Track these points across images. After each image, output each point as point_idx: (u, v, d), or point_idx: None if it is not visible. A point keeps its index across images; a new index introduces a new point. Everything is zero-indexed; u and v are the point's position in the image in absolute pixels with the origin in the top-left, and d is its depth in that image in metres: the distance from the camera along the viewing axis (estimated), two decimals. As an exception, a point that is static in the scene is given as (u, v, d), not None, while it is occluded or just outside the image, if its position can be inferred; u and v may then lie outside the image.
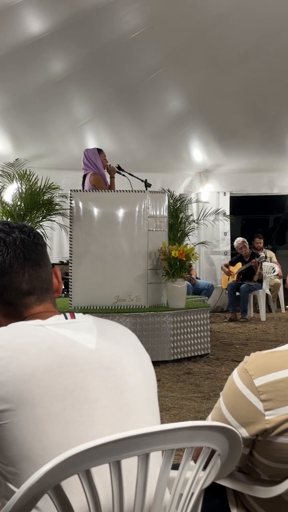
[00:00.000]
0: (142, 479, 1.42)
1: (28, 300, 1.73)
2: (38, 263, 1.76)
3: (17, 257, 1.72)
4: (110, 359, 1.65)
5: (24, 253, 1.73)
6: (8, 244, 1.73)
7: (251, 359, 1.79)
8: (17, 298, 1.72)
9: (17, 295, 1.72)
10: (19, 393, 1.49)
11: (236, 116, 11.89)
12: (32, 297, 1.73)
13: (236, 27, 9.91)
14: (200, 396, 6.16)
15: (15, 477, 1.49)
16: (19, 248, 1.73)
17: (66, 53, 10.22)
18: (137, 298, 7.96)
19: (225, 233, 13.59)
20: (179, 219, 9.68)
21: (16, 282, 1.72)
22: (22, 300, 1.72)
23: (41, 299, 1.75)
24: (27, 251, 1.74)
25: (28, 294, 1.73)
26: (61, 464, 1.34)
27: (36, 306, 1.73)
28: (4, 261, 1.71)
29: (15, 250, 1.72)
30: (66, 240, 10.81)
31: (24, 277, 1.73)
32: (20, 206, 8.72)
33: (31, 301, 1.73)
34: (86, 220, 8.06)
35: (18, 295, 1.72)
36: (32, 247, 1.75)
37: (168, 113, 11.85)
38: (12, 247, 1.72)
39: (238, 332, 10.40)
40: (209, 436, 1.51)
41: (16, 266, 1.72)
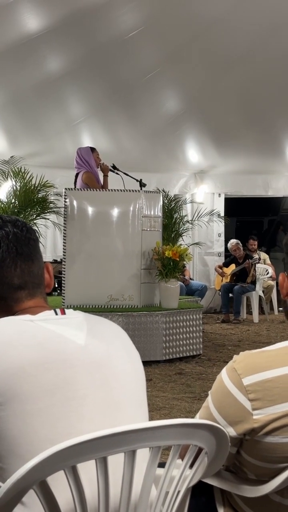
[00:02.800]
0: (129, 475, 1.42)
1: (20, 294, 1.73)
2: (31, 258, 1.76)
3: (9, 251, 1.72)
4: (100, 355, 1.65)
5: (16, 248, 1.73)
6: (1, 238, 1.73)
7: (240, 358, 1.79)
8: (8, 292, 1.72)
9: (8, 289, 1.72)
10: (8, 387, 1.49)
11: (232, 117, 11.90)
12: (23, 291, 1.73)
13: (233, 28, 9.92)
14: (191, 397, 6.16)
15: (1, 472, 1.48)
16: (11, 242, 1.73)
17: (63, 51, 10.22)
18: (130, 298, 7.96)
19: (219, 234, 13.59)
20: (173, 219, 9.68)
21: (8, 276, 1.72)
22: (13, 295, 1.72)
23: (32, 294, 1.75)
24: (19, 245, 1.74)
25: (20, 289, 1.73)
26: (47, 459, 1.33)
27: (27, 301, 1.73)
28: None
29: (8, 244, 1.72)
30: (59, 239, 10.81)
31: (16, 271, 1.72)
32: (15, 203, 8.71)
33: (22, 296, 1.73)
34: (80, 219, 8.06)
35: (9, 290, 1.72)
36: (24, 242, 1.75)
37: (164, 113, 11.86)
38: (5, 241, 1.72)
39: (231, 334, 10.41)
40: (196, 434, 1.51)
41: (8, 260, 1.72)
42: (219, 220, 12.78)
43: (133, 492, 1.44)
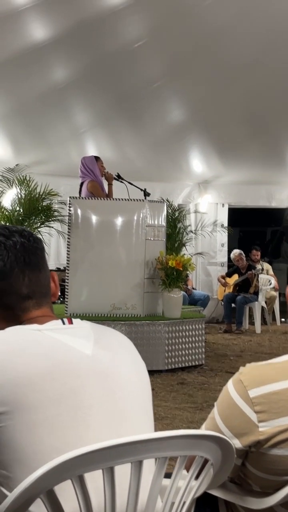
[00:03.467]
0: (135, 486, 1.43)
1: (27, 304, 1.73)
2: (38, 267, 1.77)
3: (17, 261, 1.73)
4: (106, 365, 1.65)
5: (24, 257, 1.74)
6: (9, 248, 1.73)
7: (246, 370, 1.79)
8: (17, 302, 1.73)
9: (16, 299, 1.73)
10: (14, 396, 1.49)
11: (236, 128, 11.93)
12: (31, 301, 1.74)
13: (238, 39, 9.96)
14: (193, 407, 6.16)
15: (8, 481, 1.49)
16: (19, 252, 1.74)
17: (69, 60, 10.26)
18: (133, 307, 7.96)
19: (222, 245, 13.61)
20: (177, 229, 9.68)
21: (16, 286, 1.72)
22: (21, 304, 1.73)
23: (39, 304, 1.75)
24: (27, 255, 1.75)
25: (28, 298, 1.74)
26: (55, 468, 1.34)
27: (35, 310, 1.74)
28: (5, 265, 1.72)
29: (16, 254, 1.73)
30: (63, 247, 10.82)
31: (24, 281, 1.73)
32: (19, 211, 8.73)
33: (30, 305, 1.74)
34: (84, 227, 8.07)
35: (17, 299, 1.73)
36: (32, 251, 1.76)
37: (168, 123, 11.89)
38: (13, 251, 1.73)
39: (233, 344, 10.40)
40: (202, 445, 1.52)
41: (16, 270, 1.72)
42: (223, 230, 12.80)
43: (139, 502, 1.45)
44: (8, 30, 9.08)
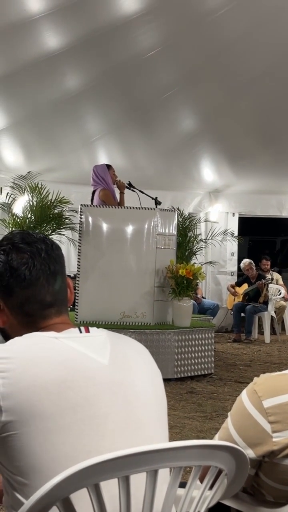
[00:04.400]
0: (150, 495, 1.43)
1: (49, 312, 1.74)
2: (60, 275, 1.78)
3: (43, 270, 1.73)
4: (122, 374, 1.66)
5: (49, 265, 1.75)
6: (34, 255, 1.74)
7: (261, 381, 1.80)
8: (39, 309, 1.73)
9: (39, 307, 1.73)
10: (30, 404, 1.50)
11: (248, 137, 11.94)
12: (52, 309, 1.75)
13: (250, 49, 9.98)
14: (202, 416, 6.15)
15: (23, 487, 1.50)
16: (44, 260, 1.74)
17: (81, 69, 10.29)
18: (142, 315, 7.96)
19: (232, 254, 13.60)
20: (187, 237, 9.69)
21: (41, 294, 1.73)
22: (42, 312, 1.74)
23: (60, 312, 1.76)
24: (51, 263, 1.76)
25: (50, 306, 1.74)
26: (71, 477, 1.35)
27: (55, 317, 1.75)
28: (31, 273, 1.72)
29: (41, 263, 1.74)
30: (74, 254, 10.83)
31: (49, 289, 1.74)
32: (31, 218, 8.75)
33: (51, 313, 1.74)
34: (95, 235, 8.09)
35: (40, 307, 1.73)
36: (56, 259, 1.77)
37: (180, 132, 11.91)
38: (38, 259, 1.74)
39: (242, 353, 10.38)
40: (217, 456, 1.53)
41: (42, 279, 1.73)
42: (233, 240, 12.79)
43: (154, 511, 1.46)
44: (21, 39, 9.13)
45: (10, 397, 1.50)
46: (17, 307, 1.73)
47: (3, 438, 1.51)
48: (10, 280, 1.72)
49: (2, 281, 1.73)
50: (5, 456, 1.53)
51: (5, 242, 1.77)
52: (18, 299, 1.72)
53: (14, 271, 1.72)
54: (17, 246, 1.75)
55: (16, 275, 1.71)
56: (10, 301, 1.73)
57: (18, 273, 1.71)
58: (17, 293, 1.72)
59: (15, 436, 1.50)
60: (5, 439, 1.51)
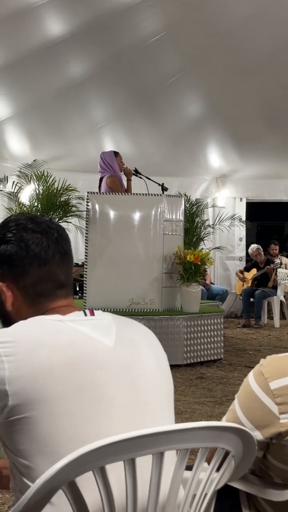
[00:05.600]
0: (156, 477, 1.42)
1: (60, 292, 1.73)
2: (71, 256, 1.77)
3: (58, 249, 1.73)
4: (128, 357, 1.65)
5: (62, 245, 1.74)
6: (47, 235, 1.73)
7: (267, 362, 1.79)
8: (52, 289, 1.72)
9: (53, 286, 1.72)
10: (36, 388, 1.49)
11: (254, 121, 11.88)
12: (64, 289, 1.74)
13: (255, 32, 9.91)
14: (212, 401, 6.15)
15: (30, 471, 1.50)
16: (57, 240, 1.74)
17: (85, 56, 10.26)
18: (151, 302, 7.96)
19: (240, 239, 13.58)
20: (195, 223, 9.67)
21: (56, 273, 1.72)
22: (55, 292, 1.72)
23: (68, 293, 1.76)
24: (64, 243, 1.75)
25: (62, 286, 1.74)
26: (76, 460, 1.34)
27: (63, 299, 1.74)
28: (46, 252, 1.71)
29: (55, 242, 1.73)
30: (81, 242, 10.82)
31: (63, 268, 1.74)
32: (37, 207, 8.74)
33: (61, 294, 1.73)
34: (102, 223, 8.08)
35: (53, 287, 1.72)
36: (66, 240, 1.77)
37: (186, 117, 11.87)
38: (52, 238, 1.73)
39: (252, 338, 10.37)
40: (224, 437, 1.51)
41: (57, 257, 1.72)
42: (241, 225, 12.76)
43: (161, 494, 1.45)
44: (25, 26, 9.10)
45: (16, 381, 1.49)
46: (30, 287, 1.71)
47: (10, 422, 1.51)
48: (25, 260, 1.70)
49: (16, 261, 1.71)
50: (12, 440, 1.52)
51: (12, 224, 1.75)
52: (32, 278, 1.71)
53: (30, 250, 1.70)
54: (27, 227, 1.73)
55: (33, 254, 1.70)
56: (22, 281, 1.71)
57: (35, 252, 1.70)
58: (32, 272, 1.70)
59: (22, 420, 1.50)
60: (12, 423, 1.51)
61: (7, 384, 1.49)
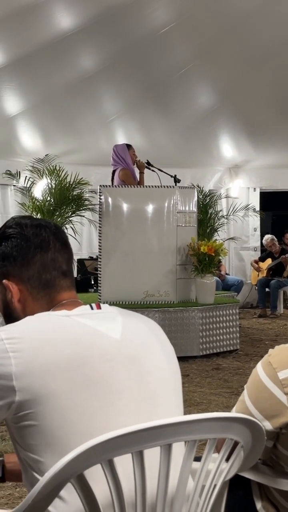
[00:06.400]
0: (165, 469, 1.43)
1: (65, 282, 1.74)
2: (70, 248, 1.79)
3: (57, 238, 1.75)
4: (135, 350, 1.65)
5: (62, 236, 1.77)
6: (45, 228, 1.75)
7: (275, 352, 1.79)
8: (57, 278, 1.73)
9: (57, 274, 1.73)
10: (43, 383, 1.50)
11: (267, 111, 11.82)
12: (67, 280, 1.75)
13: (267, 21, 9.85)
14: (228, 392, 6.15)
15: (40, 465, 1.51)
16: (55, 231, 1.76)
17: (96, 49, 10.25)
18: (166, 294, 7.96)
19: (254, 229, 13.54)
20: (208, 214, 9.65)
21: (59, 260, 1.74)
22: (60, 281, 1.74)
23: (72, 285, 1.77)
24: (62, 234, 1.78)
25: (65, 276, 1.75)
26: (84, 453, 1.35)
27: (68, 291, 1.75)
28: (45, 239, 1.73)
29: (53, 233, 1.75)
30: (95, 236, 10.84)
31: (64, 256, 1.75)
32: (50, 201, 8.77)
33: (66, 284, 1.75)
34: (115, 216, 8.08)
35: (58, 275, 1.73)
36: (63, 233, 1.80)
37: (197, 108, 11.83)
38: (50, 230, 1.75)
39: (268, 328, 10.36)
40: (232, 428, 1.51)
41: (58, 245, 1.74)
42: (254, 215, 12.72)
43: (169, 486, 1.45)
44: (34, 21, 9.10)
45: (24, 376, 1.50)
46: (35, 277, 1.72)
47: (19, 418, 1.52)
48: (27, 251, 1.72)
49: (19, 251, 1.73)
50: (21, 435, 1.53)
51: (11, 222, 1.79)
52: (36, 267, 1.72)
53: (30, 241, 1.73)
54: (26, 223, 1.77)
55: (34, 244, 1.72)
56: (27, 272, 1.72)
57: (35, 242, 1.72)
58: (35, 261, 1.72)
59: (30, 415, 1.50)
60: (20, 418, 1.51)
61: (14, 380, 1.50)
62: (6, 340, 1.53)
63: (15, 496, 3.62)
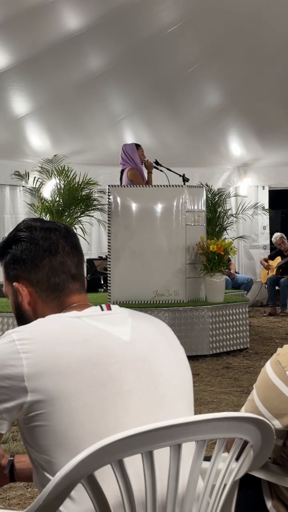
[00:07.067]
0: (175, 469, 1.43)
1: (74, 286, 1.75)
2: (80, 251, 1.81)
3: (67, 242, 1.76)
4: (145, 351, 1.65)
5: (72, 240, 1.78)
6: (55, 231, 1.77)
7: (284, 351, 1.79)
8: (66, 281, 1.74)
9: (66, 278, 1.74)
10: (54, 384, 1.51)
11: (275, 109, 11.81)
12: (77, 283, 1.76)
13: (274, 19, 9.84)
14: (239, 390, 6.15)
15: (50, 466, 1.52)
16: (65, 234, 1.78)
17: (103, 49, 10.26)
18: (175, 293, 7.97)
19: (264, 227, 13.52)
20: (217, 213, 9.64)
21: (68, 264, 1.75)
22: (69, 285, 1.75)
23: (82, 288, 1.78)
24: (73, 238, 1.79)
25: (75, 280, 1.76)
26: (94, 454, 1.35)
27: (78, 294, 1.76)
28: (54, 242, 1.75)
29: (63, 236, 1.77)
30: (104, 236, 10.87)
31: (74, 260, 1.77)
32: (59, 202, 8.78)
33: (75, 288, 1.76)
34: (124, 215, 8.09)
35: (67, 279, 1.74)
36: (74, 236, 1.81)
37: (205, 107, 11.82)
38: (59, 233, 1.77)
39: (278, 327, 10.34)
40: (241, 427, 1.52)
41: (67, 249, 1.76)
42: (263, 213, 12.70)
43: (179, 485, 1.45)
44: (41, 22, 9.13)
45: (35, 377, 1.51)
46: (44, 280, 1.74)
47: (30, 418, 1.53)
48: (35, 254, 1.73)
49: (28, 255, 1.74)
50: (32, 436, 1.54)
51: (22, 225, 1.80)
52: (45, 270, 1.74)
53: (39, 245, 1.74)
54: (35, 226, 1.78)
55: (43, 248, 1.74)
56: (36, 275, 1.74)
57: (44, 246, 1.74)
58: (43, 265, 1.74)
59: (41, 416, 1.52)
60: (31, 419, 1.53)
61: (26, 381, 1.51)
62: (18, 341, 1.55)
63: (26, 497, 3.63)
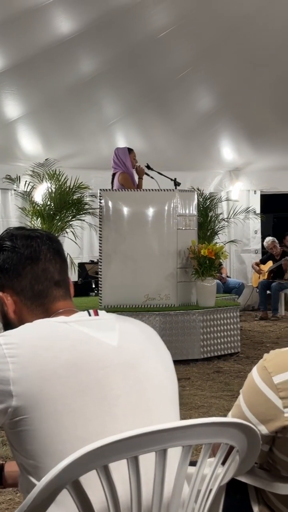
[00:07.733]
0: (160, 474, 1.43)
1: (58, 292, 1.76)
2: (63, 257, 1.81)
3: (48, 249, 1.77)
4: (132, 356, 1.66)
5: (54, 246, 1.79)
6: (37, 238, 1.78)
7: (270, 357, 1.79)
8: (49, 288, 1.75)
9: (49, 285, 1.75)
10: (40, 388, 1.51)
11: (267, 113, 11.83)
12: (60, 290, 1.77)
13: (266, 24, 9.86)
14: (229, 395, 6.15)
15: (36, 470, 1.51)
16: (48, 241, 1.78)
17: (96, 53, 10.25)
18: (166, 297, 7.97)
19: (255, 231, 13.54)
20: (208, 217, 9.67)
21: (50, 270, 1.76)
22: (53, 291, 1.75)
23: (66, 295, 1.78)
24: (56, 245, 1.80)
25: (58, 286, 1.76)
26: (79, 459, 1.35)
27: (63, 301, 1.76)
28: (36, 250, 1.76)
29: (45, 243, 1.77)
30: (96, 240, 10.86)
31: (56, 266, 1.77)
32: (50, 205, 8.79)
33: (59, 294, 1.76)
34: (116, 219, 8.09)
35: (50, 285, 1.75)
36: (57, 242, 1.82)
37: (197, 111, 11.84)
38: (42, 241, 1.78)
39: (269, 331, 10.35)
40: (227, 433, 1.52)
41: (49, 255, 1.76)
42: (255, 217, 12.72)
43: (165, 491, 1.45)
44: (34, 25, 9.11)
45: (21, 381, 1.51)
46: (28, 288, 1.75)
47: (15, 423, 1.53)
48: (17, 263, 1.74)
49: (10, 263, 1.75)
50: (18, 440, 1.54)
51: (4, 236, 1.82)
52: (28, 278, 1.74)
53: (21, 254, 1.75)
54: (17, 234, 1.80)
55: (24, 256, 1.75)
56: (19, 283, 1.75)
57: (26, 254, 1.75)
58: (26, 273, 1.74)
59: (26, 420, 1.51)
60: (17, 424, 1.52)
61: (11, 385, 1.51)
62: (4, 346, 1.55)
63: (15, 501, 3.63)
